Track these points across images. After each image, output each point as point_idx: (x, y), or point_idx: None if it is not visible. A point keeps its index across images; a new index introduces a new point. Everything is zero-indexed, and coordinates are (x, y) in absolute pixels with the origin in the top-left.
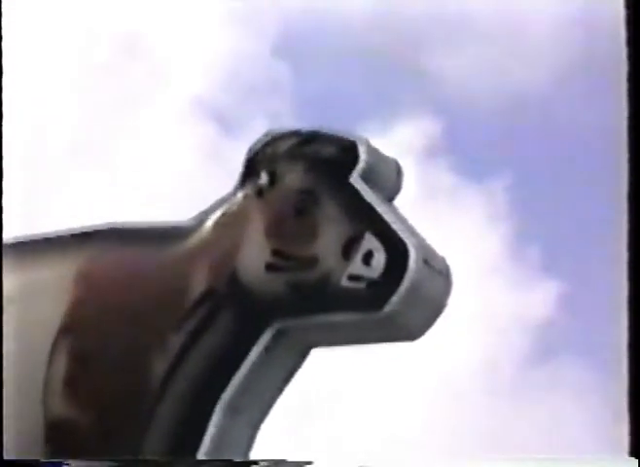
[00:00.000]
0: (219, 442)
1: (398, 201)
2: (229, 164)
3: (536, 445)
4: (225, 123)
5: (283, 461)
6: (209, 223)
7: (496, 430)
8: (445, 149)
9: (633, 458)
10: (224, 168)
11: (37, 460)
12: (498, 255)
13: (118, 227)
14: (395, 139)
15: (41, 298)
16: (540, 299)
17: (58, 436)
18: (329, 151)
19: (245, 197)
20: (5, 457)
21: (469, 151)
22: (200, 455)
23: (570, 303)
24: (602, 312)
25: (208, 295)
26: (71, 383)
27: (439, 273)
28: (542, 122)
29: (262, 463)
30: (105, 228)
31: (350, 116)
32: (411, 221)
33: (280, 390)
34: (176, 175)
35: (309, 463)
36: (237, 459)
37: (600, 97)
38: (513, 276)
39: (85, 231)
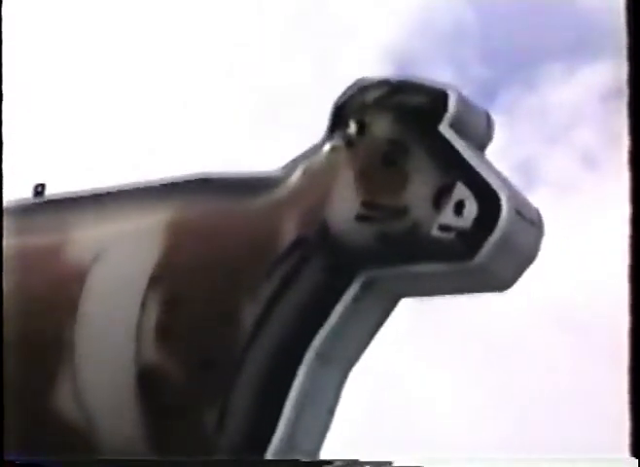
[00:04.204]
0: (308, 389)
1: (581, 144)
2: None
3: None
4: (412, 71)
5: (358, 461)
6: (298, 173)
7: None
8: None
9: (633, 458)
10: None
11: (37, 460)
12: None
13: (208, 176)
14: (579, 82)
15: (133, 246)
16: None
17: (149, 383)
18: (418, 100)
19: (334, 147)
20: (5, 457)
21: None
22: (290, 402)
23: None
24: None
25: (298, 244)
26: (163, 331)
27: (531, 223)
28: None
29: (336, 463)
30: (195, 177)
31: (536, 60)
32: (589, 164)
33: (369, 339)
34: None
35: (388, 463)
36: (325, 409)
37: None
38: None
39: (175, 180)
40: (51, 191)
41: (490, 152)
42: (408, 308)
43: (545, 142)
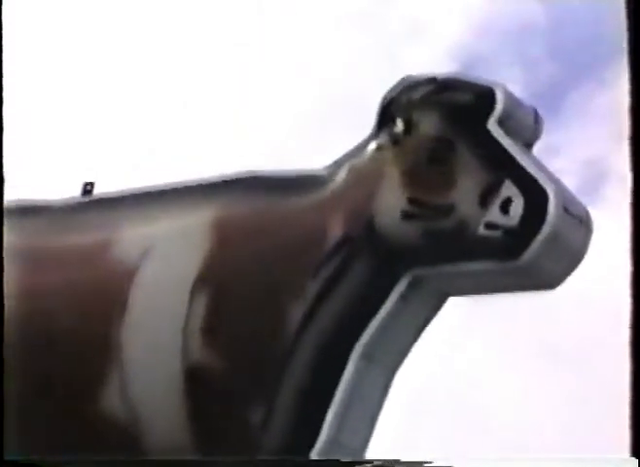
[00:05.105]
0: (354, 388)
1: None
2: None
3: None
4: (479, 70)
5: (397, 461)
6: (344, 171)
7: None
8: None
9: (633, 458)
10: None
11: (38, 460)
12: None
13: (254, 175)
14: None
15: (180, 244)
16: None
17: (196, 381)
18: (465, 97)
19: (380, 145)
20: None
21: None
22: (336, 403)
23: None
24: None
25: (344, 242)
26: (209, 330)
27: (579, 221)
28: None
29: (375, 462)
30: (242, 176)
31: (605, 59)
32: None
33: (415, 338)
34: None
35: (427, 463)
36: (371, 409)
37: None
38: None
39: (222, 179)
40: (99, 190)
41: (558, 150)
42: (456, 307)
43: (616, 139)
